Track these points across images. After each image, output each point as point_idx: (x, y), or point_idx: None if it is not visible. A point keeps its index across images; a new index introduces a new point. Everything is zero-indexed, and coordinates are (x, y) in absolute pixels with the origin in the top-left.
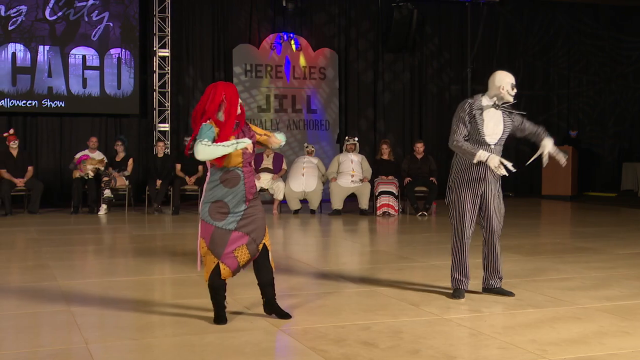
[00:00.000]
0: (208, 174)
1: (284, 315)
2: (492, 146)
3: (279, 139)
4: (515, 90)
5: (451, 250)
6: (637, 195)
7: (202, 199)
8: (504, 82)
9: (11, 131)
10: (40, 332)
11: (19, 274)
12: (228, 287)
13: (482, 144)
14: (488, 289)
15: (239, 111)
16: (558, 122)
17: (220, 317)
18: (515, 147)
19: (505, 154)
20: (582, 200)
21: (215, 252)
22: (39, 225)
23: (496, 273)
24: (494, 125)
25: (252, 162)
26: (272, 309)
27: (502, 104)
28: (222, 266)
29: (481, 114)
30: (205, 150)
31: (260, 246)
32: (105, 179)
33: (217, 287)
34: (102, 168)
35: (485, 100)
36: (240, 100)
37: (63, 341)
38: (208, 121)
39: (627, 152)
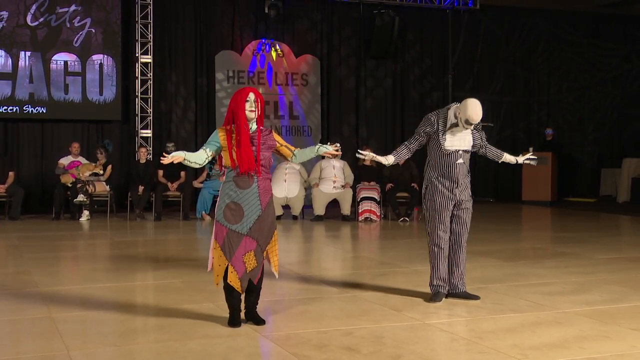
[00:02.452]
0: (225, 174)
1: (260, 321)
2: (460, 152)
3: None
4: (471, 126)
5: (429, 256)
6: (616, 200)
7: (218, 199)
8: (463, 112)
9: None
10: (22, 339)
11: (0, 281)
12: (212, 293)
13: (450, 153)
14: (454, 294)
15: (251, 115)
16: (538, 129)
17: (234, 320)
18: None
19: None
20: (562, 205)
21: (227, 254)
22: (20, 232)
23: (462, 277)
24: (460, 137)
25: (269, 167)
26: (250, 315)
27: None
28: (230, 269)
29: (444, 134)
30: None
31: (265, 253)
32: (79, 185)
33: (230, 289)
34: (101, 171)
35: (451, 115)
36: (251, 102)
37: (44, 348)
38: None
39: (606, 158)
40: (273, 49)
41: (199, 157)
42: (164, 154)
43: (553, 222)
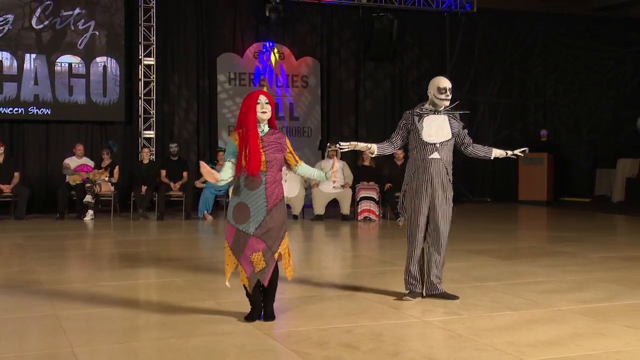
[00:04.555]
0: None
1: (270, 317)
2: (437, 145)
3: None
4: (445, 94)
5: (407, 255)
6: (611, 200)
7: (230, 200)
8: (432, 87)
9: None
10: (27, 336)
11: (5, 279)
12: (214, 292)
13: (426, 144)
14: (433, 294)
15: (263, 116)
16: (534, 130)
17: (252, 316)
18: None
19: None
20: (557, 205)
21: (236, 253)
22: (25, 231)
23: (440, 277)
24: (437, 128)
25: (280, 168)
26: (265, 313)
27: (445, 108)
28: (240, 268)
29: (420, 120)
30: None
31: (276, 255)
32: (88, 185)
33: (247, 289)
34: (106, 177)
35: (427, 107)
36: (262, 104)
37: (49, 345)
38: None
39: (601, 159)
40: (273, 51)
41: (229, 172)
42: (202, 163)
43: (549, 222)
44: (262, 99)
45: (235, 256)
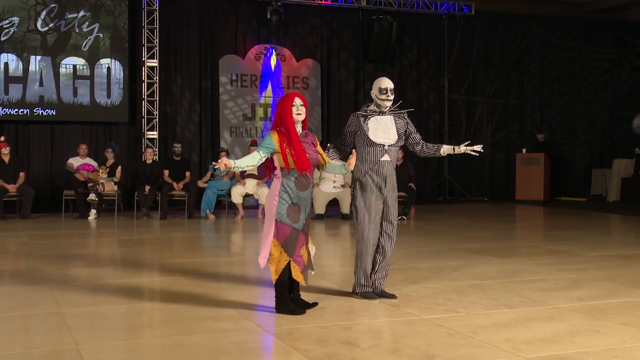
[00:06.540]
0: (280, 176)
1: (311, 305)
2: (386, 147)
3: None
4: (386, 95)
5: (356, 255)
6: (606, 200)
7: (276, 201)
8: (374, 88)
9: (2, 138)
10: (32, 334)
11: (11, 278)
12: (215, 290)
13: (375, 146)
14: (374, 292)
15: (298, 118)
16: (531, 130)
17: (293, 309)
18: (492, 154)
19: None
20: (554, 204)
21: (289, 251)
22: (30, 230)
23: (384, 276)
24: (384, 129)
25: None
26: (299, 305)
27: (388, 109)
28: (292, 264)
29: (365, 121)
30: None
31: (310, 244)
32: (90, 184)
33: (285, 285)
34: (106, 175)
35: (371, 108)
36: (297, 106)
37: (54, 342)
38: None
39: (597, 159)
40: (274, 54)
41: (251, 161)
42: (213, 163)
43: (546, 221)
44: (297, 101)
45: (287, 253)
